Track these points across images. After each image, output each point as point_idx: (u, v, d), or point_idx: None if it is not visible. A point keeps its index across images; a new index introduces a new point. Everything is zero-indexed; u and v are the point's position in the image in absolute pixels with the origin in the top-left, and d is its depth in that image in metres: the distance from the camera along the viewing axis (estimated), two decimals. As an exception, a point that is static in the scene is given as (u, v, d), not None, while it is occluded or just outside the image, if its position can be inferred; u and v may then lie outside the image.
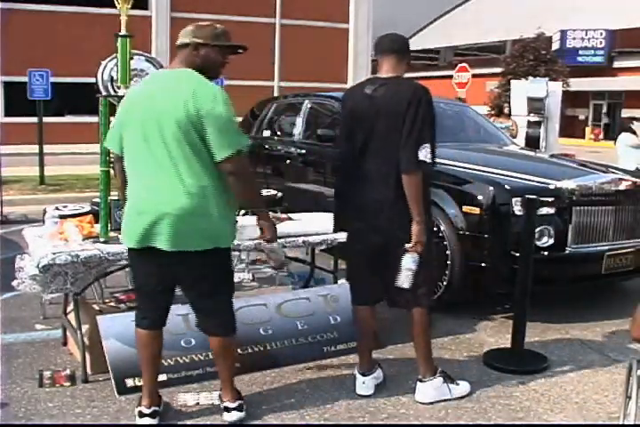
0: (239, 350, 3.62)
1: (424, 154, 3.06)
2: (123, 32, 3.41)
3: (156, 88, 2.81)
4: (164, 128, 2.71)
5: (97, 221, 3.71)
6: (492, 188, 4.44)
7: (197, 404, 3.21)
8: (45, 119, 11.04)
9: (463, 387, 3.42)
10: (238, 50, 2.96)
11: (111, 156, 3.20)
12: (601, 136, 31.15)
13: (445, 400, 3.31)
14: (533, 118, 11.63)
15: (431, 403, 3.29)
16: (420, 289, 3.23)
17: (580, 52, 31.58)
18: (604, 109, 33.20)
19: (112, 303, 3.92)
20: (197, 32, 2.86)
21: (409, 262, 3.12)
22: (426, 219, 3.19)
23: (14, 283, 3.52)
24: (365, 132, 3.19)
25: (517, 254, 3.98)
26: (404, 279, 3.13)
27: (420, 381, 3.34)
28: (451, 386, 3.36)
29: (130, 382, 3.30)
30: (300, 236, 3.97)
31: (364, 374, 3.40)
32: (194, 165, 2.73)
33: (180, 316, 3.49)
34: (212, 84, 2.80)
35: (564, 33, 31.87)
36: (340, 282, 4.24)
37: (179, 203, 2.74)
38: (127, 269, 4.10)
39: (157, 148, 2.74)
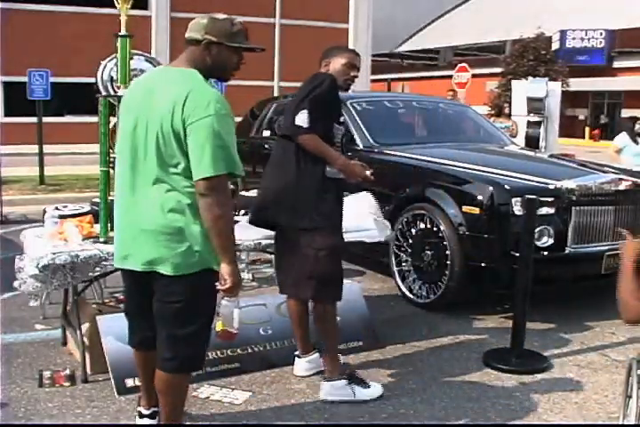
0: (239, 350, 3.63)
1: (300, 118, 3.20)
2: (123, 32, 3.41)
3: (155, 88, 2.46)
4: (149, 134, 2.40)
5: (97, 221, 3.71)
6: (491, 188, 4.44)
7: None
8: (45, 119, 11.05)
9: (372, 390, 3.33)
10: (255, 50, 2.62)
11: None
12: (599, 136, 31.12)
13: (351, 402, 3.27)
14: (533, 118, 11.61)
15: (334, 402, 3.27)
16: (306, 281, 3.26)
17: (580, 52, 31.58)
18: (604, 109, 33.19)
19: (112, 303, 3.93)
20: (211, 27, 2.46)
21: None
22: (328, 201, 3.28)
23: (16, 284, 3.51)
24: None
25: (517, 254, 3.98)
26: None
27: (324, 378, 3.37)
28: (356, 388, 3.30)
29: (129, 382, 3.29)
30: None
31: (298, 357, 3.60)
32: (171, 178, 2.39)
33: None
34: (213, 89, 2.43)
35: (563, 33, 31.88)
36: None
37: (153, 219, 2.42)
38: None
39: (140, 155, 2.43)
